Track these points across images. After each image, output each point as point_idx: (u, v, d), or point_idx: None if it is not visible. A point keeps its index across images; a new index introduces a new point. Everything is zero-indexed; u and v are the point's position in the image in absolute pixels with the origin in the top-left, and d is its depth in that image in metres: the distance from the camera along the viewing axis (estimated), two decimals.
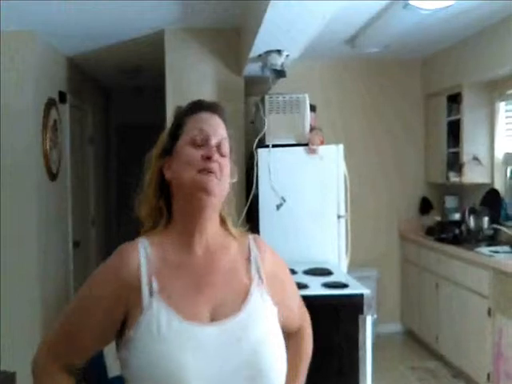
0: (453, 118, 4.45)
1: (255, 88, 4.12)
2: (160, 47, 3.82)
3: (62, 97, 4.27)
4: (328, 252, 3.38)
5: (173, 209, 1.15)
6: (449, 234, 4.32)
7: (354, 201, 3.63)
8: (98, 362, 2.08)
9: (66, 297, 4.31)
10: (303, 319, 1.37)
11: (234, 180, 1.19)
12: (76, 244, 4.61)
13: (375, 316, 2.67)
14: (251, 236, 1.23)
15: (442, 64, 4.66)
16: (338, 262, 3.39)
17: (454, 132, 4.41)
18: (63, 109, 4.33)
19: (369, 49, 4.21)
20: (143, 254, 1.09)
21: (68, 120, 4.48)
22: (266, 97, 3.56)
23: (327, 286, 2.77)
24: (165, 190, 1.16)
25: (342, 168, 3.48)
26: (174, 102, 3.72)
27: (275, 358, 1.08)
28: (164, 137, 1.21)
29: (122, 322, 1.07)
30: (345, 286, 2.78)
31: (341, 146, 3.50)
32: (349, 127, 4.76)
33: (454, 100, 4.43)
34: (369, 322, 2.61)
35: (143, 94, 5.94)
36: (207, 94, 3.77)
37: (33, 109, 3.70)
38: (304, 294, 2.61)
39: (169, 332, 1.01)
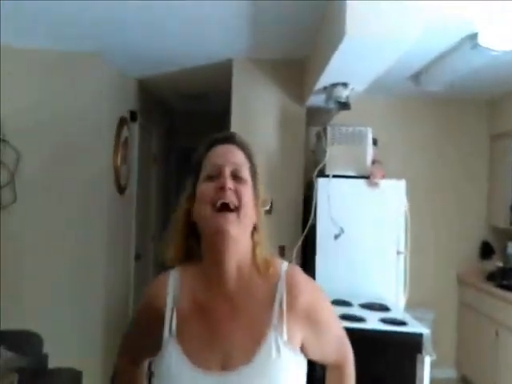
0: None
1: (316, 118, 4.14)
2: (226, 75, 3.91)
3: (133, 116, 4.45)
4: (385, 288, 3.29)
5: (201, 246, 1.14)
6: (511, 280, 4.13)
7: (413, 239, 3.54)
8: None
9: (126, 304, 4.48)
10: (343, 354, 1.24)
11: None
12: (137, 256, 4.75)
13: (434, 357, 2.55)
14: (284, 269, 1.14)
15: (509, 105, 4.55)
16: (396, 300, 3.29)
17: None
18: (133, 127, 4.52)
19: (433, 87, 4.17)
20: (172, 287, 1.14)
21: (137, 138, 4.66)
22: (329, 127, 3.56)
23: (385, 321, 2.68)
24: (195, 230, 1.15)
25: (403, 203, 3.41)
26: (238, 128, 3.79)
27: None
28: (192, 172, 1.21)
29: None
30: (403, 323, 2.68)
31: (403, 181, 3.44)
32: (410, 164, 4.68)
33: None
34: (427, 362, 2.50)
35: (206, 118, 6.09)
36: (270, 122, 3.84)
37: (107, 127, 3.88)
38: (361, 327, 2.57)
39: (178, 378, 1.05)
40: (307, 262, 3.48)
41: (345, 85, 3.40)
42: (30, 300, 3.66)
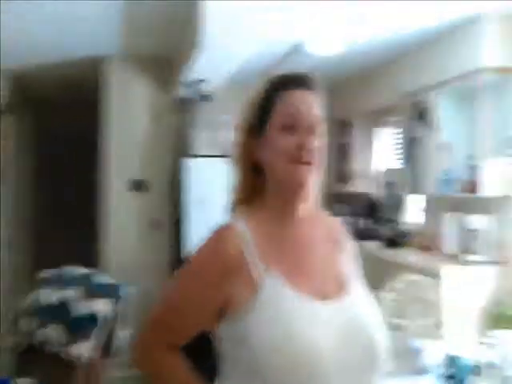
0: (342, 140, 5.27)
1: (184, 108, 4.80)
2: (97, 69, 4.38)
3: (8, 109, 4.74)
4: None
5: (265, 187, 1.11)
6: None
7: None
8: None
9: None
10: None
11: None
12: None
13: None
14: (335, 219, 1.22)
15: (343, 94, 5.35)
16: None
17: (344, 150, 5.25)
18: (6, 120, 4.79)
19: None
20: (242, 233, 1.04)
21: (12, 132, 4.98)
22: (194, 117, 4.34)
23: None
24: (257, 167, 1.12)
25: None
26: (113, 117, 4.39)
27: (385, 346, 1.04)
28: (252, 111, 1.13)
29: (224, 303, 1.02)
30: None
31: None
32: None
33: (343, 125, 5.30)
34: None
35: (79, 107, 6.34)
36: (143, 114, 4.48)
37: None
38: None
39: (294, 308, 0.99)
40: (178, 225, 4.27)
41: (204, 81, 4.10)
42: None
